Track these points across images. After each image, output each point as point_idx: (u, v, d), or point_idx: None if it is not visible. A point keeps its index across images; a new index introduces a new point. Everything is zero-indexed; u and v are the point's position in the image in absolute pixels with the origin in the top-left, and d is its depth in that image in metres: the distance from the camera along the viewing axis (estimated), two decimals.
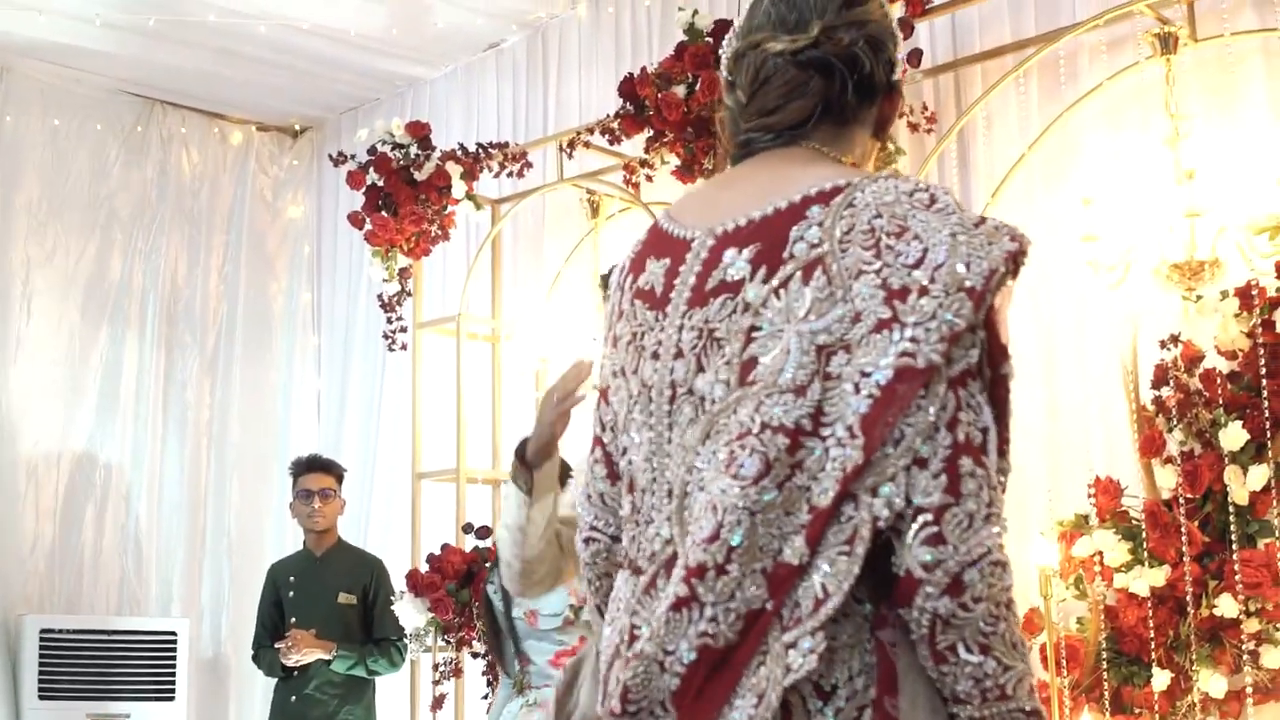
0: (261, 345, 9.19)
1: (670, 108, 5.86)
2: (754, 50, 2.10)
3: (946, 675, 1.89)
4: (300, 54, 8.30)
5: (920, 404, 1.85)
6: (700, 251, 2.03)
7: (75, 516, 8.36)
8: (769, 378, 1.89)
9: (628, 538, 2.10)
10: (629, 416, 2.09)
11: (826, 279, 1.89)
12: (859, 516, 1.84)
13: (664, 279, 2.07)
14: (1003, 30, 6.17)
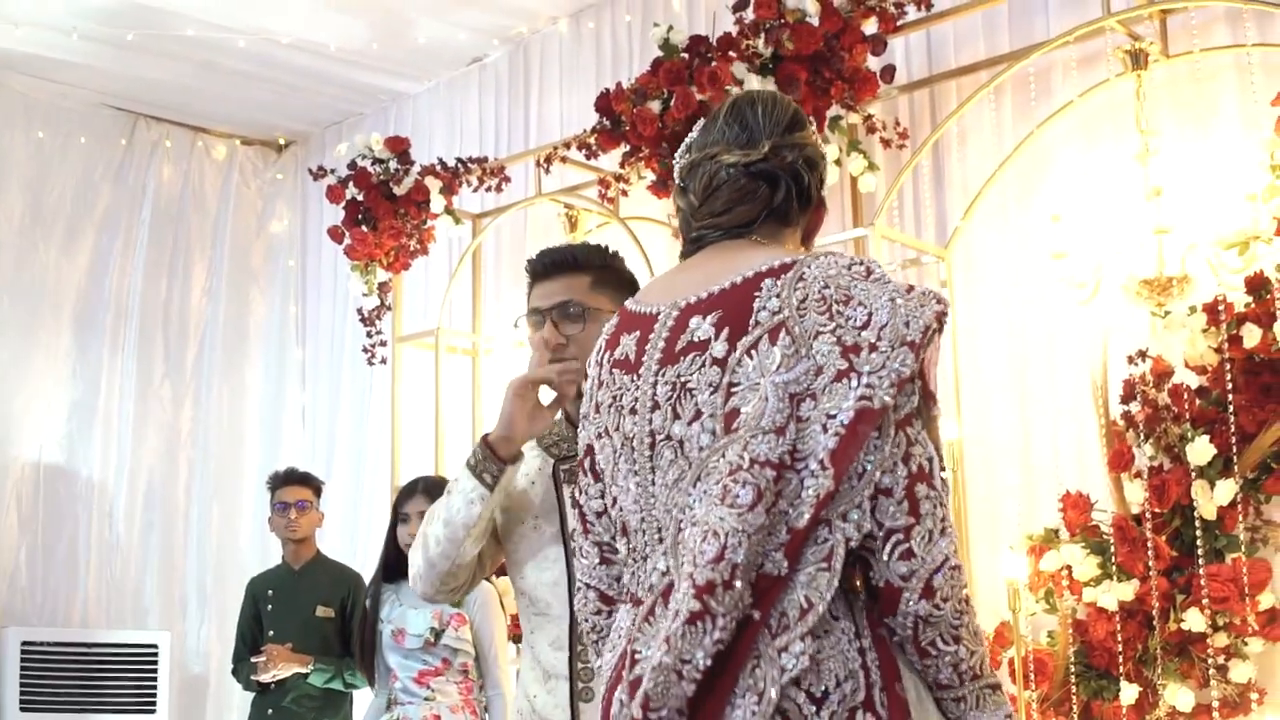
0: (245, 358, 9.20)
1: (645, 123, 5.88)
2: (710, 161, 2.45)
3: (929, 666, 2.27)
4: (283, 68, 8.32)
5: (877, 443, 2.21)
6: (667, 321, 2.37)
7: (57, 529, 8.36)
8: (752, 422, 2.20)
9: (628, 574, 2.41)
10: (615, 468, 2.40)
11: (790, 339, 2.22)
12: (834, 538, 2.19)
13: (635, 348, 2.40)
14: (977, 47, 6.19)
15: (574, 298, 3.13)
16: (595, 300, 3.14)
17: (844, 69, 5.73)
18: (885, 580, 2.21)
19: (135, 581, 8.59)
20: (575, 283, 3.16)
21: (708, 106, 5.72)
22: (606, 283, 3.18)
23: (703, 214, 2.46)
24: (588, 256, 3.23)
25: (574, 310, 3.12)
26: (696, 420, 2.27)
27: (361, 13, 7.72)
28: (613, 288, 3.17)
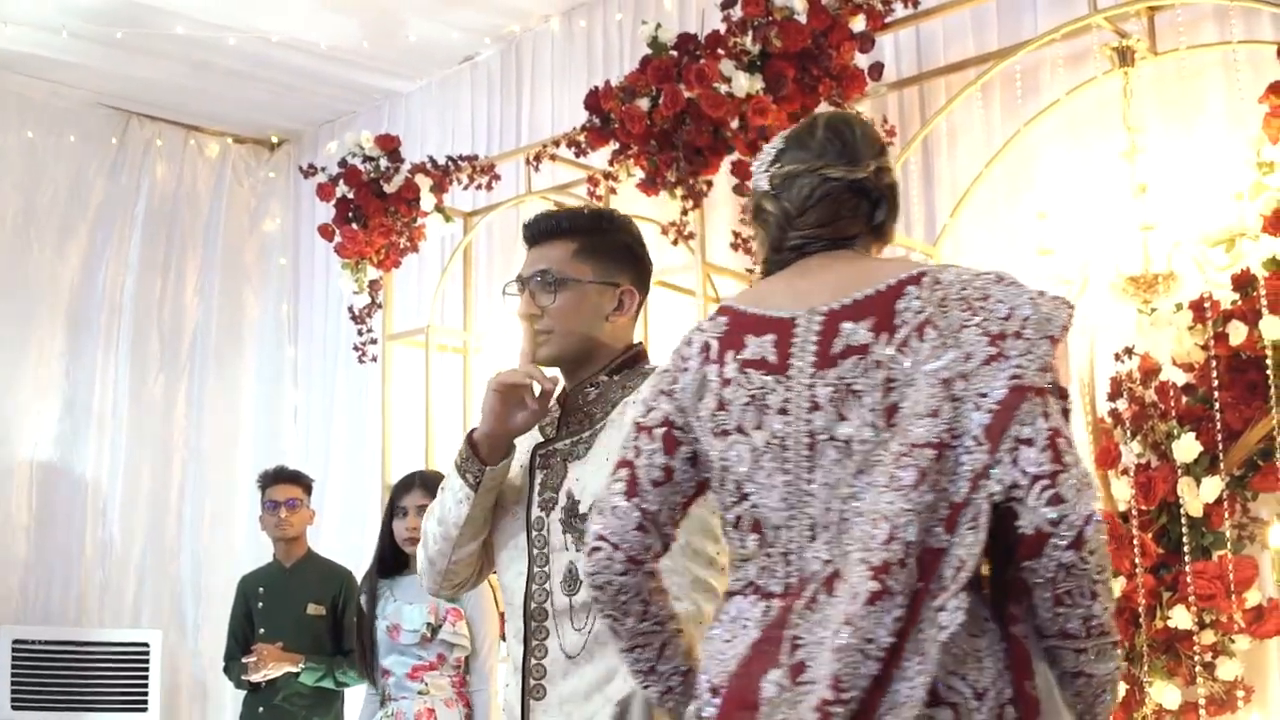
0: (238, 357, 9.20)
1: (633, 121, 5.88)
2: (813, 174, 2.58)
3: (1060, 615, 2.35)
4: (275, 67, 8.32)
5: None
6: (811, 326, 2.49)
7: (48, 528, 8.37)
8: (912, 411, 2.37)
9: (757, 569, 2.51)
10: (755, 467, 2.49)
11: (936, 332, 2.39)
12: (978, 498, 2.30)
13: (776, 350, 2.50)
14: (966, 44, 6.19)
15: (552, 266, 3.05)
16: (576, 269, 3.05)
17: (832, 66, 5.74)
18: (1035, 527, 2.29)
19: (127, 580, 8.59)
20: (558, 250, 3.07)
21: (695, 104, 5.73)
22: (595, 250, 3.08)
23: (803, 223, 2.59)
24: (575, 222, 3.15)
25: (550, 279, 3.03)
26: (860, 418, 2.42)
27: (353, 11, 7.72)
28: (602, 255, 3.08)
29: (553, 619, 2.97)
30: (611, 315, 3.08)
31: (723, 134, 5.79)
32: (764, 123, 5.65)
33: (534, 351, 3.06)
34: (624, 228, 3.20)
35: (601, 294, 3.07)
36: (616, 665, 2.79)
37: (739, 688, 2.44)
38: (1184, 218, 5.25)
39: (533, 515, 3.04)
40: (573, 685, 2.92)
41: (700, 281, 6.04)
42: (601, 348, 3.07)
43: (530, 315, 3.05)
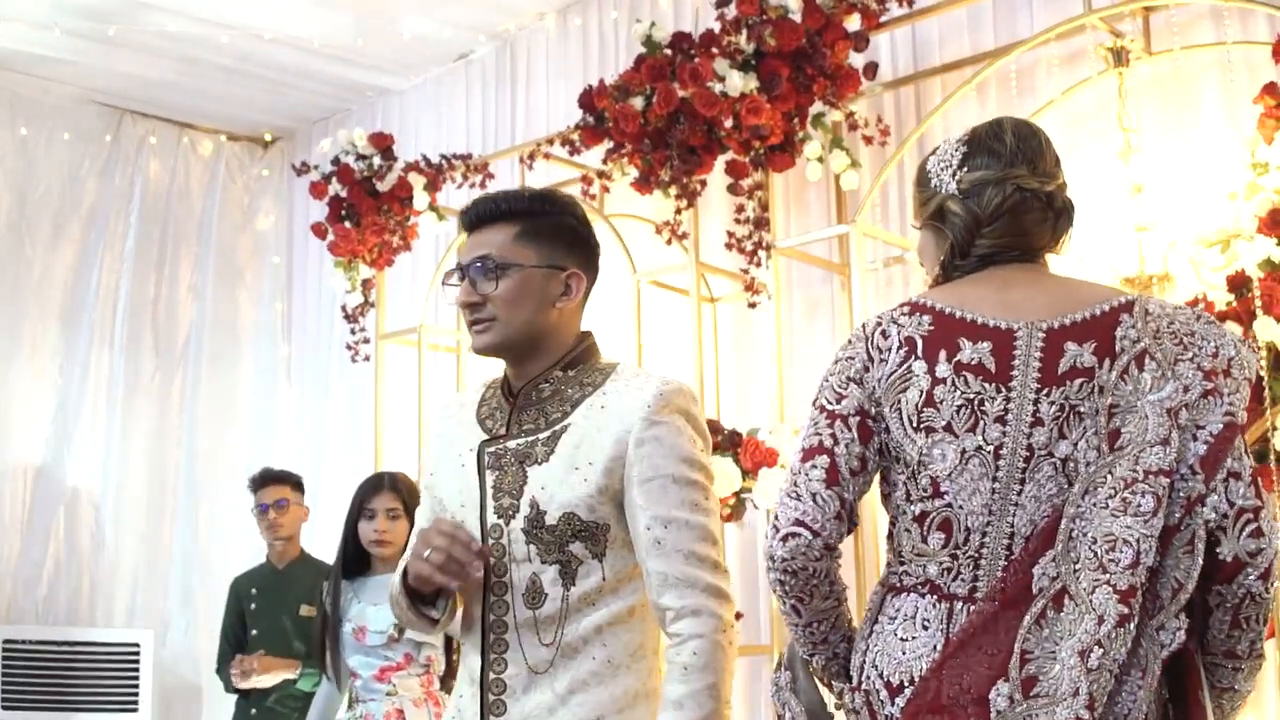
0: (231, 355, 9.19)
1: (627, 119, 5.87)
2: (1007, 181, 2.68)
3: (1233, 638, 2.55)
4: (268, 64, 8.32)
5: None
6: (1034, 342, 2.58)
7: (41, 527, 8.36)
8: (1139, 438, 2.49)
9: (937, 568, 2.60)
10: (961, 468, 2.57)
11: (1155, 364, 2.52)
12: (1195, 524, 2.47)
13: (994, 358, 2.58)
14: (962, 43, 6.19)
15: (492, 251, 2.88)
16: (517, 254, 2.88)
17: (826, 65, 5.73)
18: (1234, 555, 2.48)
19: (119, 580, 8.58)
20: (498, 235, 2.90)
21: (689, 103, 5.72)
22: (538, 233, 2.91)
23: (993, 231, 2.68)
24: (515, 204, 2.95)
25: (490, 265, 2.87)
26: (1084, 439, 2.54)
27: (346, 8, 7.70)
28: (546, 238, 2.91)
29: (514, 631, 2.84)
30: (558, 301, 2.91)
31: (717, 133, 5.78)
32: (757, 122, 5.63)
33: (475, 340, 2.95)
34: (567, 209, 3.01)
35: (547, 279, 2.90)
36: (583, 678, 2.78)
37: (928, 688, 2.53)
38: (1179, 218, 5.24)
39: (488, 522, 2.89)
40: (536, 700, 2.81)
41: (694, 280, 6.02)
42: (549, 337, 2.92)
43: (471, 304, 2.91)
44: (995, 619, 2.50)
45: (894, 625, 2.61)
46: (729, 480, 5.37)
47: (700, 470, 2.81)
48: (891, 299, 6.15)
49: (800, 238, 6.08)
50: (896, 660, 2.57)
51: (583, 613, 2.80)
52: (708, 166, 5.89)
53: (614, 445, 2.80)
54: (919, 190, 2.84)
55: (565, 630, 2.79)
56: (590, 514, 2.79)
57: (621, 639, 2.81)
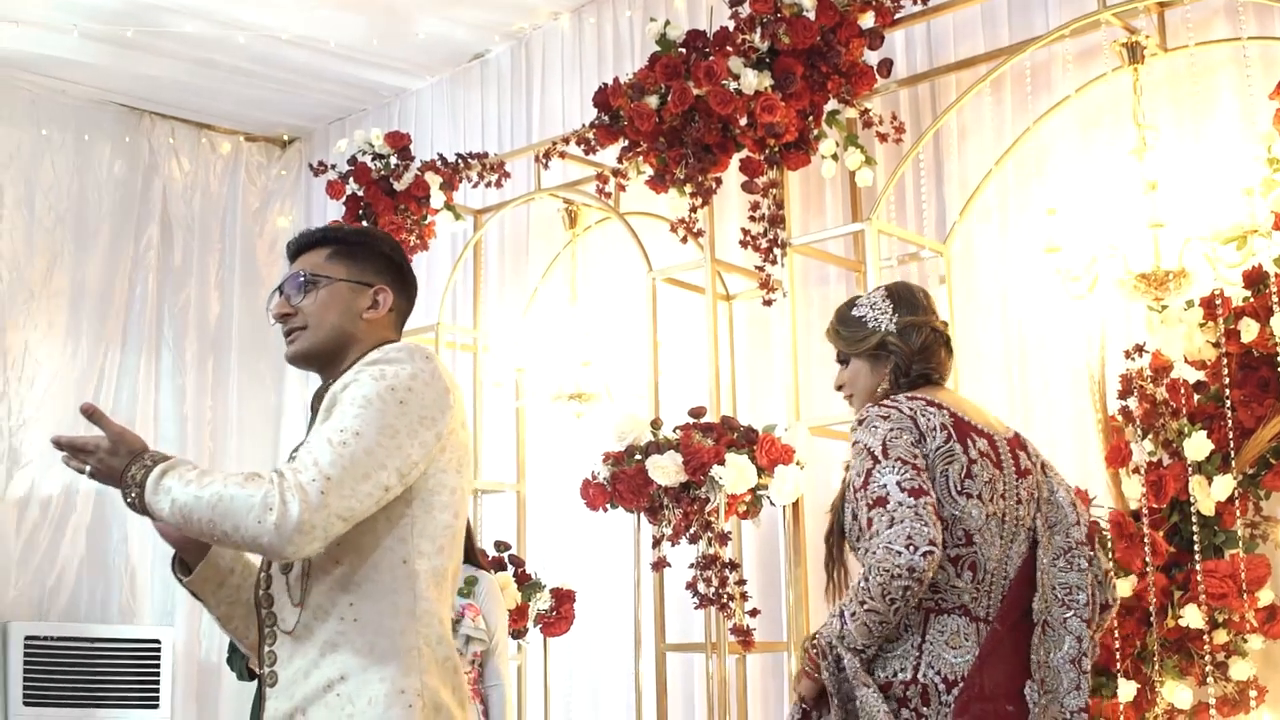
0: (255, 355, 9.17)
1: (642, 118, 5.82)
2: (926, 325, 3.64)
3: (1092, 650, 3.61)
4: (284, 65, 8.30)
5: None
6: (1005, 447, 3.57)
7: (65, 524, 8.33)
8: (1064, 520, 3.62)
9: (969, 597, 3.43)
10: (986, 528, 3.44)
11: (1049, 470, 3.70)
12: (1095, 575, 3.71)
13: (993, 452, 3.52)
14: (976, 40, 6.14)
15: (305, 268, 3.04)
16: (329, 269, 3.04)
17: (840, 63, 5.68)
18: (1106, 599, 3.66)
19: (140, 576, 8.56)
20: (314, 256, 3.07)
21: (704, 101, 5.67)
22: (350, 254, 3.07)
23: (923, 359, 3.62)
24: (331, 233, 3.14)
25: (302, 279, 3.02)
26: (1036, 515, 3.59)
27: (362, 9, 7.67)
28: (358, 258, 3.07)
29: (276, 600, 2.90)
30: (366, 313, 3.04)
31: (731, 131, 5.73)
32: (772, 120, 5.58)
33: (288, 350, 3.06)
34: (383, 240, 3.19)
35: (355, 292, 3.04)
36: (332, 638, 2.80)
37: (974, 684, 3.36)
38: (1195, 214, 5.18)
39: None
40: (296, 665, 2.84)
41: (709, 278, 5.97)
42: (355, 344, 3.03)
43: (283, 314, 3.04)
44: (1004, 638, 3.43)
45: (944, 638, 3.38)
46: (745, 477, 5.32)
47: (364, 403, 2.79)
48: None
49: (815, 235, 6.03)
50: (949, 663, 3.35)
51: (325, 570, 2.82)
52: (722, 164, 5.84)
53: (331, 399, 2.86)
54: (852, 329, 3.71)
55: (312, 589, 2.83)
56: None
57: (371, 598, 2.83)
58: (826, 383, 6.22)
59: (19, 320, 8.35)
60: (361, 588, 2.82)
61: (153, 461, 2.76)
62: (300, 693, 2.81)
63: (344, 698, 2.77)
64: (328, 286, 3.02)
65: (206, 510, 2.66)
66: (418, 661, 2.81)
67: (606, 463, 5.60)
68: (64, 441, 2.82)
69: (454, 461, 2.91)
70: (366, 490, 2.71)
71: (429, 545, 2.87)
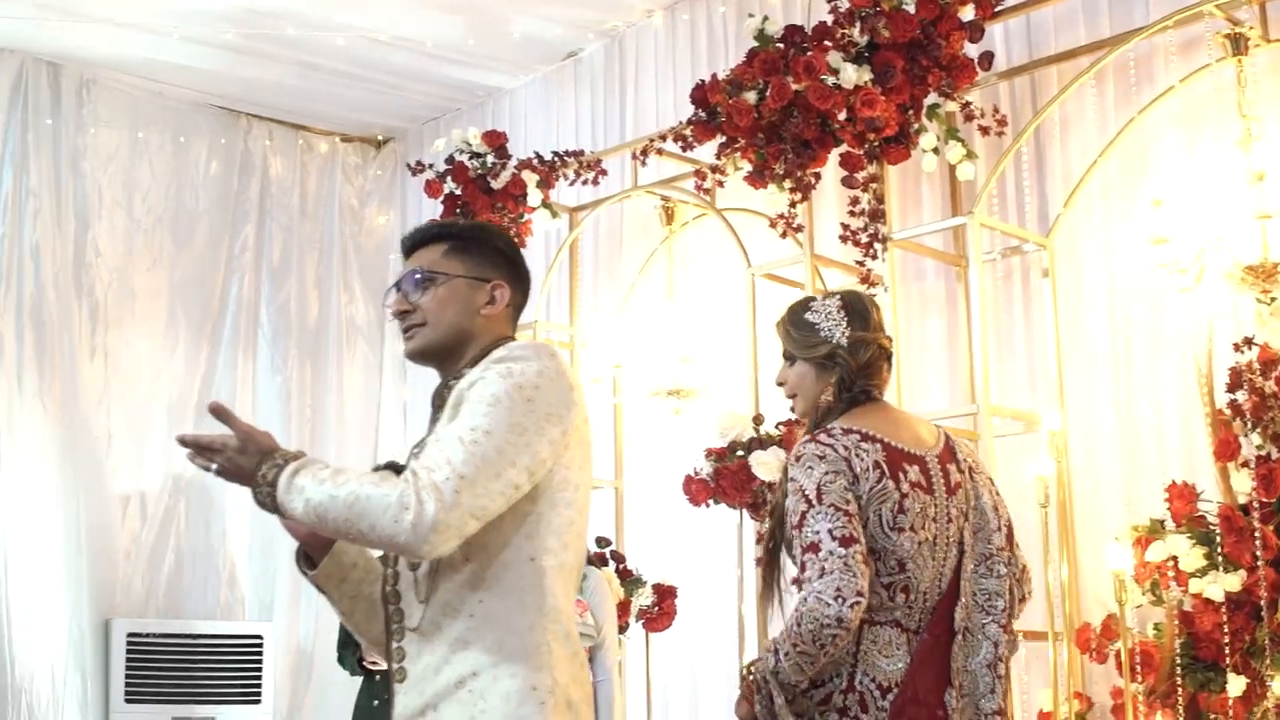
0: (351, 351, 9.23)
1: (740, 114, 5.80)
2: (875, 342, 3.71)
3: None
4: (381, 66, 8.35)
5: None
6: (934, 464, 3.63)
7: (167, 522, 8.41)
8: (986, 526, 3.69)
9: (901, 613, 3.55)
10: (917, 552, 3.55)
11: (976, 477, 3.74)
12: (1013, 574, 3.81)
13: (923, 477, 3.60)
14: (1077, 32, 6.09)
15: (422, 265, 3.05)
16: (446, 266, 3.05)
17: (941, 56, 5.64)
18: (1023, 594, 3.80)
19: (241, 572, 8.62)
20: (430, 253, 3.08)
21: (803, 96, 5.65)
22: (466, 250, 3.08)
23: (866, 374, 3.68)
24: (446, 229, 3.15)
25: (420, 277, 3.03)
26: (966, 527, 3.66)
27: (458, 10, 7.71)
28: (474, 254, 3.08)
29: (402, 597, 2.92)
30: (483, 309, 3.06)
31: (830, 126, 5.71)
32: (872, 114, 5.55)
33: (406, 346, 3.09)
34: (497, 234, 3.22)
35: (472, 288, 3.06)
36: (462, 634, 2.81)
37: (908, 689, 3.52)
38: None
39: None
40: (425, 661, 2.84)
41: (808, 273, 5.95)
42: (473, 340, 3.05)
43: (402, 311, 3.06)
44: (934, 646, 3.58)
45: (876, 647, 3.53)
46: None
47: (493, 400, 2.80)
48: (1009, 290, 6.07)
49: (915, 230, 5.99)
50: (883, 670, 3.51)
51: (453, 567, 2.82)
52: (821, 160, 5.82)
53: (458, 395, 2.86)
54: (804, 333, 3.75)
55: (438, 586, 2.83)
56: None
57: (498, 595, 2.82)
58: (923, 377, 6.24)
59: (120, 320, 8.43)
60: (490, 585, 2.83)
61: (284, 460, 2.77)
62: (431, 689, 2.82)
63: (476, 694, 2.78)
64: (445, 283, 3.03)
65: (342, 509, 2.69)
66: (548, 658, 2.82)
67: (709, 458, 5.59)
68: (190, 440, 2.85)
69: (578, 458, 2.91)
70: (498, 489, 2.73)
71: (555, 542, 2.87)
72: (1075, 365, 5.85)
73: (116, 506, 8.26)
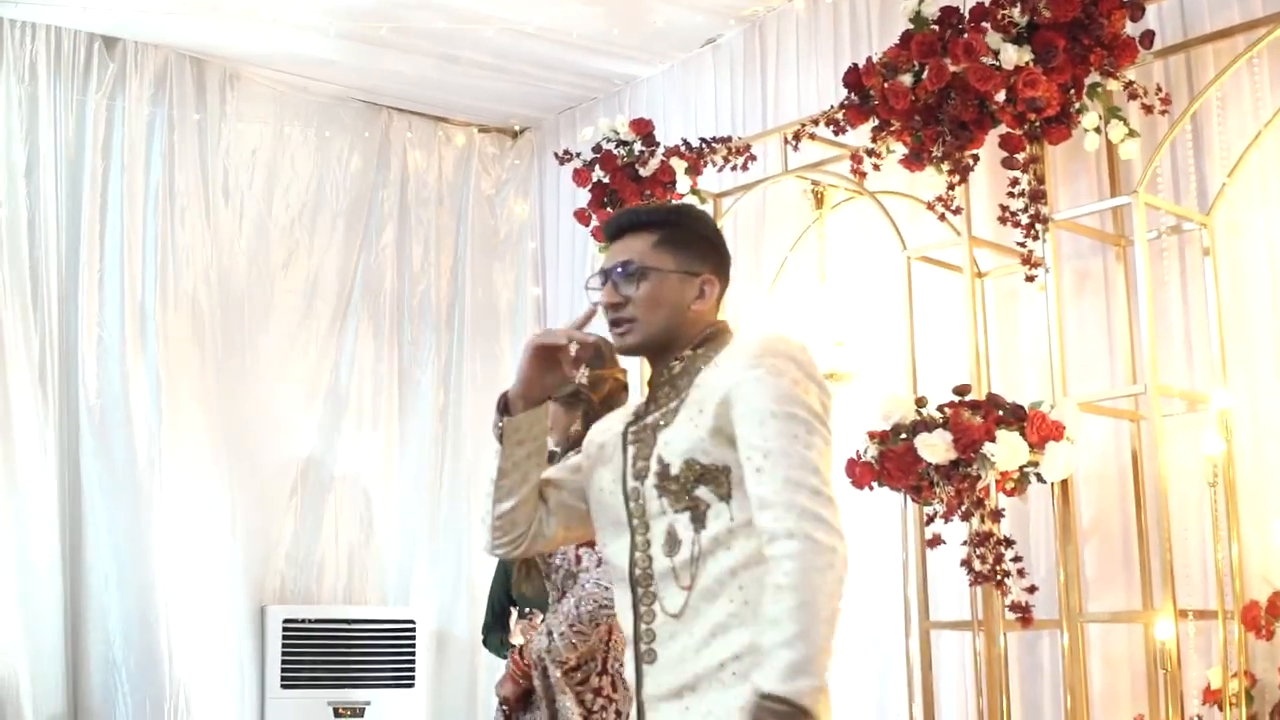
0: (490, 341, 9.29)
1: (897, 96, 5.79)
2: (611, 378, 4.40)
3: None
4: (519, 57, 8.40)
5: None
6: None
7: (316, 510, 8.53)
8: None
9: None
10: None
11: None
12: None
13: None
14: (1231, 11, 6.01)
15: (634, 257, 3.09)
16: (657, 259, 3.07)
17: (1103, 35, 5.58)
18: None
19: (391, 558, 8.71)
20: (639, 243, 3.11)
21: (960, 78, 5.62)
22: (675, 241, 3.10)
23: (605, 407, 4.14)
24: (655, 215, 3.19)
25: (633, 269, 3.06)
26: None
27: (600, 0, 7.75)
28: (683, 246, 3.10)
29: (656, 583, 2.97)
30: (693, 304, 3.09)
31: (988, 107, 5.67)
32: (1034, 95, 5.51)
33: (617, 341, 3.12)
34: (702, 220, 3.25)
35: (684, 283, 3.09)
36: (722, 620, 2.86)
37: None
38: None
39: (628, 486, 3.06)
40: (680, 646, 2.91)
41: (967, 256, 5.91)
42: (683, 334, 3.09)
43: (614, 304, 3.09)
44: None
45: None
46: (1016, 454, 5.27)
47: (801, 407, 2.87)
48: (1169, 270, 6.01)
49: (1076, 210, 5.95)
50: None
51: (715, 555, 2.89)
52: (979, 141, 5.79)
53: (723, 390, 2.92)
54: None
55: (700, 573, 2.89)
56: (707, 456, 2.92)
57: (759, 579, 2.82)
58: (1085, 359, 6.18)
59: (259, 311, 8.53)
60: (751, 570, 2.85)
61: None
62: (690, 670, 2.88)
63: (739, 676, 2.81)
64: (657, 278, 3.07)
65: (815, 618, 2.70)
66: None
67: (873, 441, 5.59)
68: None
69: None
70: (829, 492, 2.83)
71: None
72: (1238, 344, 5.79)
73: (268, 495, 8.36)
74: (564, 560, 4.61)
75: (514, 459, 3.21)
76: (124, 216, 7.98)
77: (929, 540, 5.49)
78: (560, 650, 4.32)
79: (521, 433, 3.20)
